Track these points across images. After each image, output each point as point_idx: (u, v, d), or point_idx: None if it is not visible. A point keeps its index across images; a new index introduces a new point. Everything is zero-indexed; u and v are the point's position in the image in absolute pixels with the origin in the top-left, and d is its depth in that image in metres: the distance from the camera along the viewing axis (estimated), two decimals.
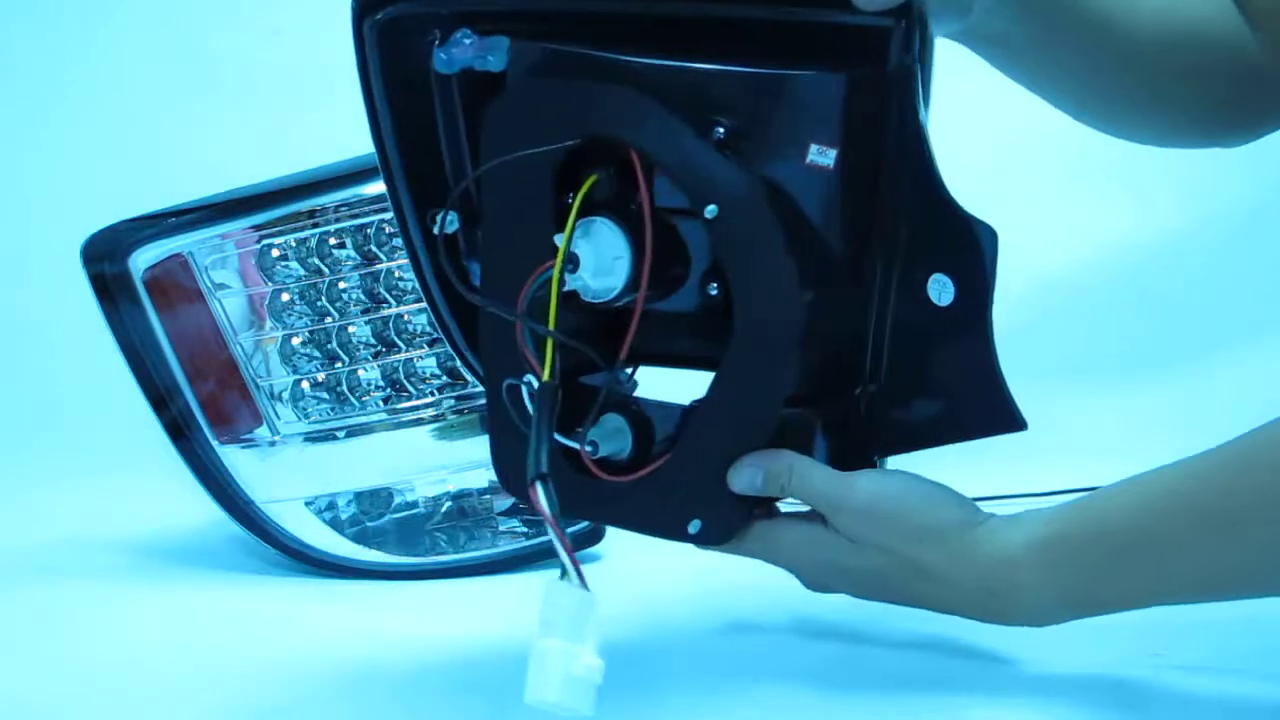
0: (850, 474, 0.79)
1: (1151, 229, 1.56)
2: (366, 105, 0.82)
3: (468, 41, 0.78)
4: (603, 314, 0.78)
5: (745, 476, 0.79)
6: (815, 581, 0.83)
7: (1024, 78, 0.95)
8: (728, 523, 0.80)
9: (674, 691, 0.82)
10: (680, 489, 0.80)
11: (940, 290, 0.76)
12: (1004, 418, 0.77)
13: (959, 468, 0.84)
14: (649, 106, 0.74)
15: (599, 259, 0.74)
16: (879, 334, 0.78)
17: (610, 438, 0.80)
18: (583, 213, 0.74)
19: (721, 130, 0.74)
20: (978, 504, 0.80)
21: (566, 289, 0.74)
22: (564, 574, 0.66)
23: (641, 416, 0.81)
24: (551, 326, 0.72)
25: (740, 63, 0.75)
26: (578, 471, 0.79)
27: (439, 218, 0.81)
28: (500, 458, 0.84)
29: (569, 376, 0.76)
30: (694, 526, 0.80)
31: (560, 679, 0.65)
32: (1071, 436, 1.39)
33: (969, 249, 0.75)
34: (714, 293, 0.77)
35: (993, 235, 0.75)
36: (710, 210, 0.73)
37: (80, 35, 1.62)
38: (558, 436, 0.75)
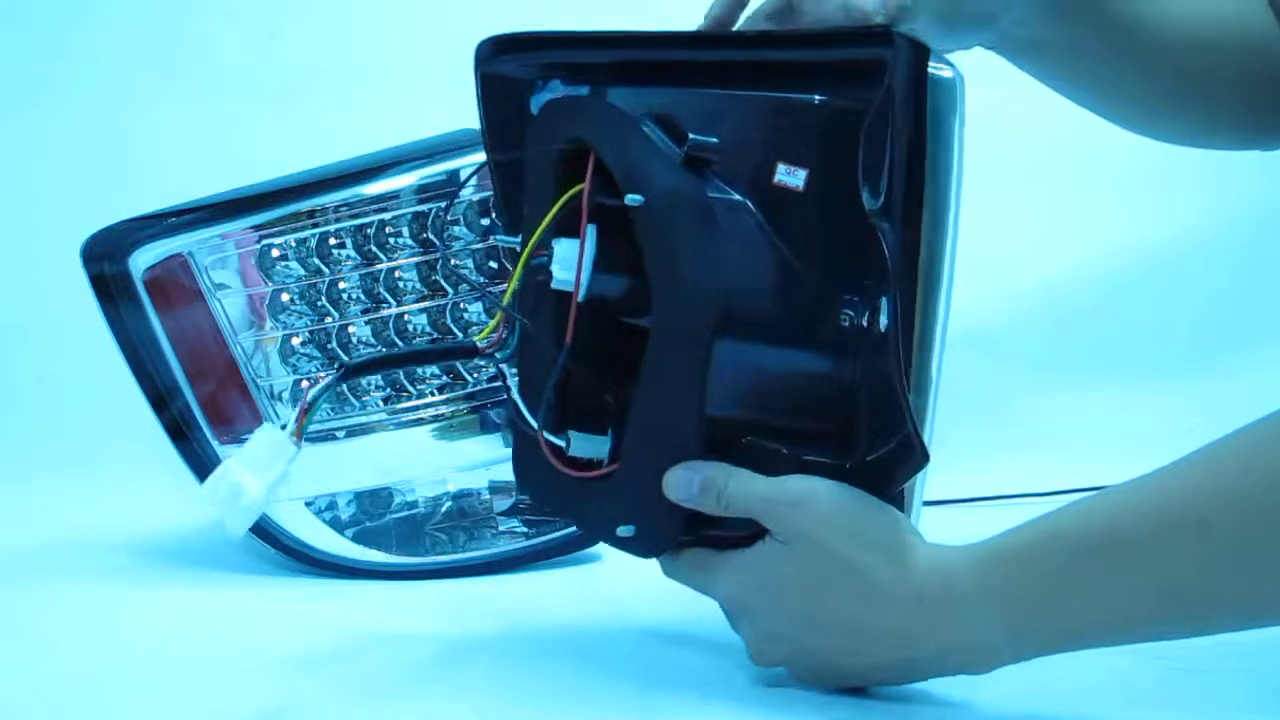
0: (788, 476, 0.76)
1: (1169, 230, 1.56)
2: (484, 140, 0.92)
3: (555, 89, 0.89)
4: (616, 331, 0.82)
5: (680, 481, 0.78)
6: (755, 627, 0.79)
7: (1055, 81, 0.95)
8: (660, 532, 0.81)
9: (674, 690, 0.82)
10: (623, 494, 0.82)
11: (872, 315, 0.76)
12: (911, 456, 0.74)
13: (959, 467, 0.84)
14: (604, 107, 0.82)
15: (565, 258, 0.80)
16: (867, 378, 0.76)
17: (589, 443, 0.83)
18: (580, 220, 0.80)
19: (689, 139, 0.77)
20: (977, 502, 0.80)
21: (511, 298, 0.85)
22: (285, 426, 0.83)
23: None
24: (505, 302, 0.86)
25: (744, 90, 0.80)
26: (558, 464, 0.83)
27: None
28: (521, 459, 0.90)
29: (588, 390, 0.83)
30: (625, 530, 0.82)
31: (228, 496, 0.84)
32: (1081, 435, 1.39)
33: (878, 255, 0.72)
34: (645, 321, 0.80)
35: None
36: (632, 198, 0.76)
37: (80, 35, 1.62)
38: (547, 435, 0.82)
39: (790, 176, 0.75)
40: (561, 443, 0.83)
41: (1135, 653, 0.83)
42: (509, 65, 0.89)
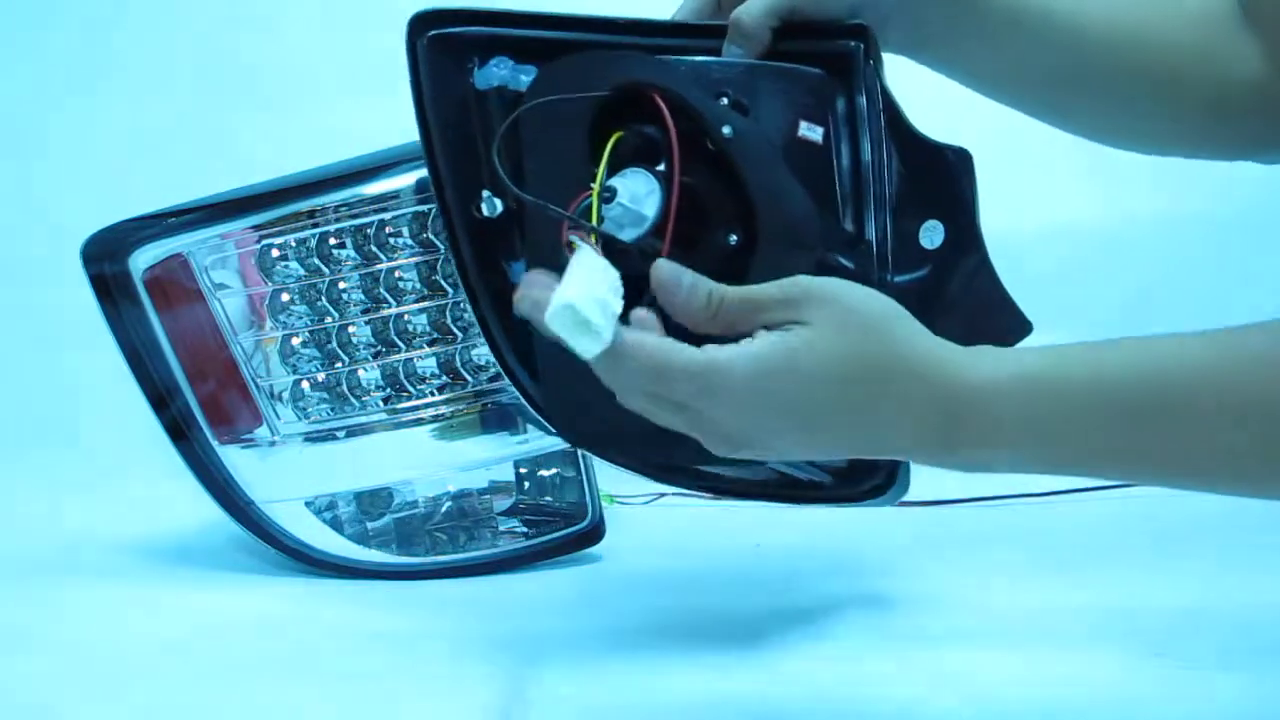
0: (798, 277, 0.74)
1: (1127, 216, 1.55)
2: (417, 113, 0.91)
3: (503, 65, 0.89)
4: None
5: (669, 271, 0.74)
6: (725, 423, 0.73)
7: (973, 78, 0.96)
8: None
9: (673, 690, 0.82)
10: None
11: (931, 235, 0.84)
12: (1015, 324, 0.83)
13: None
14: (666, 63, 0.85)
15: (633, 192, 0.81)
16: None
17: None
18: (613, 168, 0.81)
19: (726, 99, 0.83)
20: (977, 502, 0.80)
21: (606, 223, 0.81)
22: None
23: None
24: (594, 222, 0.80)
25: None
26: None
27: (482, 203, 0.91)
28: (551, 393, 0.87)
29: None
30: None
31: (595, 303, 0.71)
32: None
33: (947, 180, 0.84)
34: (733, 241, 0.82)
35: (965, 158, 0.84)
36: (727, 129, 0.81)
37: (80, 35, 1.62)
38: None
39: (811, 132, 0.84)
40: None
41: (1135, 652, 0.83)
42: (455, 36, 0.90)
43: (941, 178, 0.85)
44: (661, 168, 0.81)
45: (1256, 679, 0.80)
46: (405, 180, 1.04)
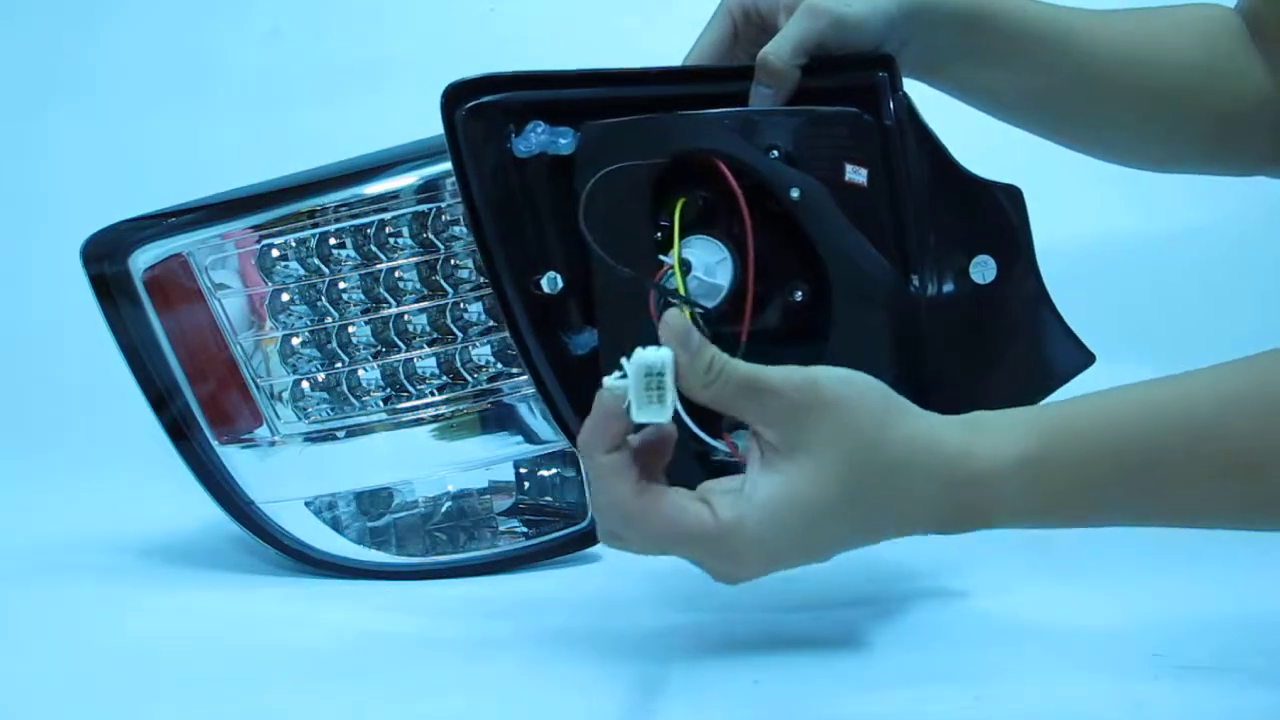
0: (792, 367, 0.74)
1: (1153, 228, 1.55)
2: (461, 188, 0.91)
3: (540, 130, 0.89)
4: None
5: (680, 323, 0.72)
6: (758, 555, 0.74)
7: (985, 101, 0.97)
8: None
9: (674, 690, 0.82)
10: None
11: (983, 270, 0.86)
12: (1077, 357, 0.85)
13: None
14: (721, 125, 0.85)
15: (705, 263, 0.83)
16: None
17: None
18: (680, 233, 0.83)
19: (776, 153, 0.84)
20: None
21: (685, 294, 0.82)
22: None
23: None
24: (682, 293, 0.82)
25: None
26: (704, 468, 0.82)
27: (543, 280, 0.91)
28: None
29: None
30: None
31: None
32: None
33: (997, 216, 0.85)
34: (799, 297, 0.84)
35: (1015, 195, 0.85)
36: (795, 191, 0.82)
37: (80, 35, 1.62)
38: (701, 434, 0.78)
39: (856, 175, 0.84)
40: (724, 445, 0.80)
41: (1135, 652, 0.83)
42: (489, 105, 0.90)
43: (990, 213, 0.85)
44: (717, 230, 0.83)
45: (1257, 679, 0.80)
46: (405, 180, 1.04)
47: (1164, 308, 1.45)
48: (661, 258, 0.83)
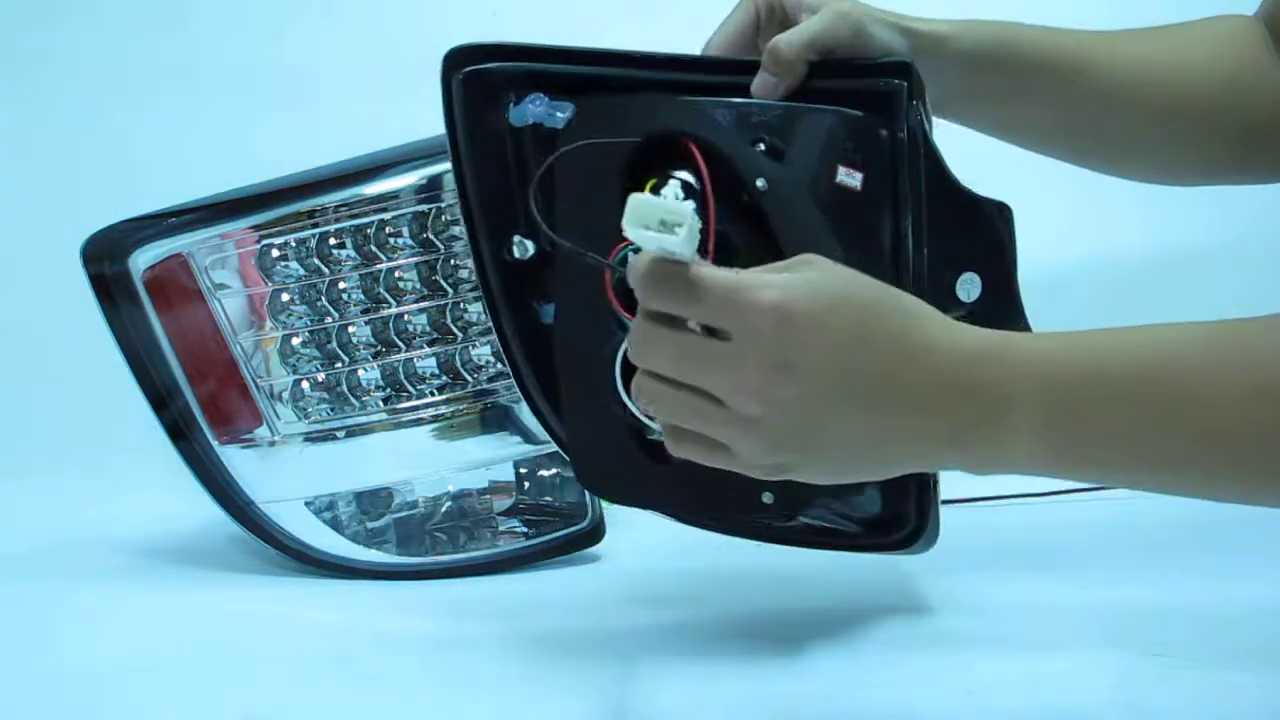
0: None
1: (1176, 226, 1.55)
2: (451, 150, 0.91)
3: (538, 103, 0.89)
4: None
5: (643, 255, 0.71)
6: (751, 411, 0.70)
7: (1000, 127, 0.96)
8: (801, 494, 0.80)
9: (674, 691, 0.82)
10: None
11: (968, 287, 0.84)
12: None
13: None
14: (703, 111, 0.84)
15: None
16: None
17: None
18: None
19: (763, 144, 0.83)
20: (977, 502, 0.80)
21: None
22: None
23: None
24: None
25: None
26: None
27: (513, 245, 0.90)
28: (576, 442, 0.88)
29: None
30: (768, 497, 0.81)
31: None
32: None
33: (986, 232, 0.84)
34: None
35: (1005, 212, 0.84)
36: (761, 181, 0.80)
37: (80, 35, 1.62)
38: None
39: (850, 178, 0.82)
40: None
41: (1135, 652, 0.83)
42: (490, 73, 0.90)
43: (981, 230, 0.84)
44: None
45: (1256, 678, 0.80)
46: (405, 180, 1.04)
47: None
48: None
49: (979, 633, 0.89)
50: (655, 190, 0.79)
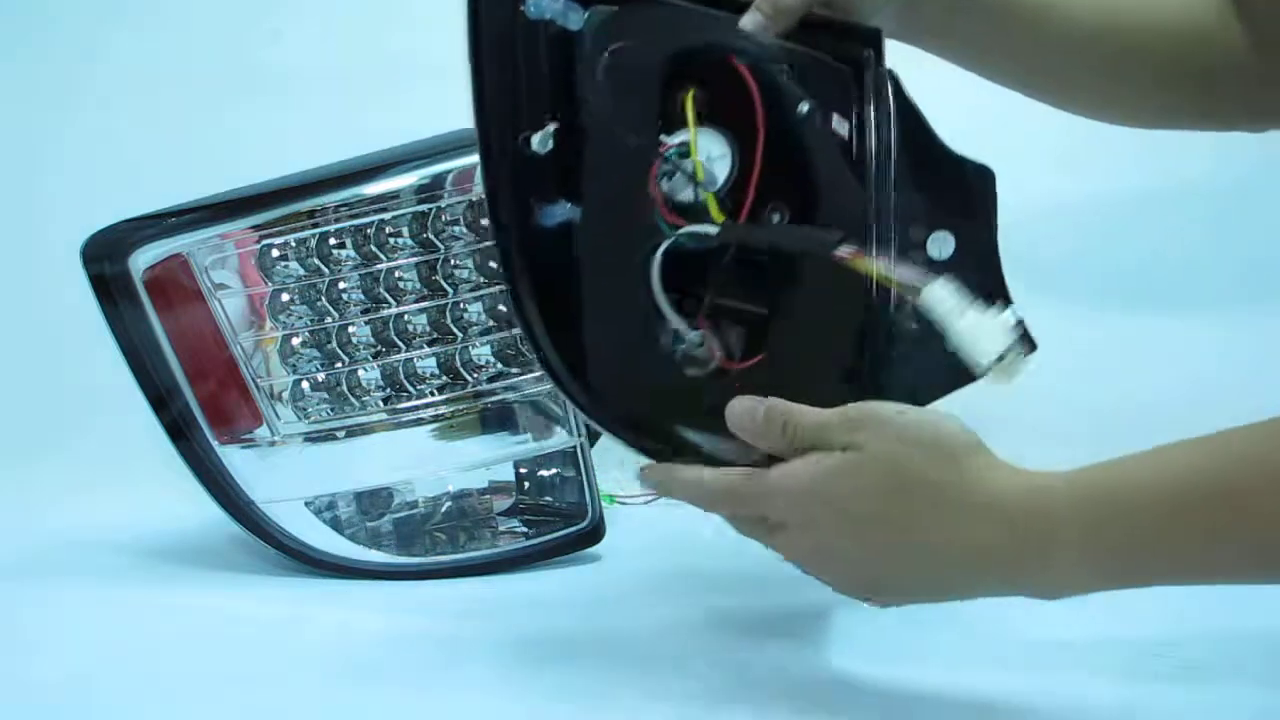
0: (848, 405, 0.77)
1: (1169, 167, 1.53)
2: (470, 34, 0.89)
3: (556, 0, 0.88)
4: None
5: (744, 410, 0.79)
6: (808, 539, 0.78)
7: (972, 64, 0.97)
8: None
9: (674, 691, 0.82)
10: (773, 384, 0.83)
11: (940, 245, 0.85)
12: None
13: None
14: (738, 29, 0.85)
15: (708, 152, 0.85)
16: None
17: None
18: (680, 124, 0.84)
19: (787, 74, 0.84)
20: None
21: (676, 178, 0.85)
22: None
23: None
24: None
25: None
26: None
27: (534, 137, 0.88)
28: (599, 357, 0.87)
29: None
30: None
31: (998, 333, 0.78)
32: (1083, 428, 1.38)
33: (964, 193, 0.85)
34: (776, 220, 0.85)
35: (986, 175, 0.85)
36: (804, 105, 0.83)
37: (80, 35, 1.62)
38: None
39: (840, 127, 0.85)
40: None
41: (1135, 652, 0.83)
42: None
43: (959, 191, 0.85)
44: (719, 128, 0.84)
45: (1256, 680, 0.80)
46: (405, 180, 1.04)
47: (1125, 270, 1.45)
48: (664, 137, 0.84)
49: (978, 633, 0.89)
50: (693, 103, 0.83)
